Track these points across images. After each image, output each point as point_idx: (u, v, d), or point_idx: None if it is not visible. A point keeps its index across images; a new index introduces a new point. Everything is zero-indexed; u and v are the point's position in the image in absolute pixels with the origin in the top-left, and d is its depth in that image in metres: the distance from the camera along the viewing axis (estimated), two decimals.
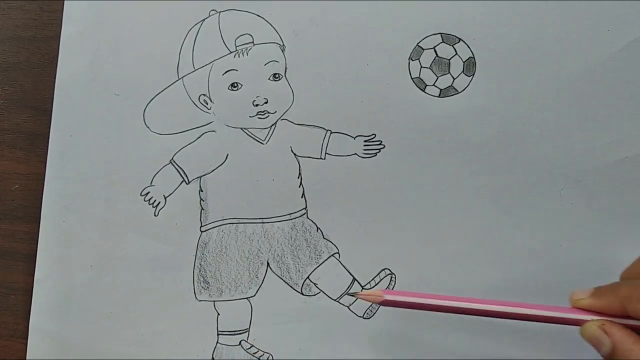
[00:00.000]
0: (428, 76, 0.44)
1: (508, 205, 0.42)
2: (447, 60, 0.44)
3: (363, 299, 0.34)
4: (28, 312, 0.42)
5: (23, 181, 0.44)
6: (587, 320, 0.33)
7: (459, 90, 0.43)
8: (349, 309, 0.42)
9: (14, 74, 0.45)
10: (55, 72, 0.44)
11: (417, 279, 0.42)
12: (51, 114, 0.43)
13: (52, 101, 0.44)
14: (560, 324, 0.34)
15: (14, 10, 0.46)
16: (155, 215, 0.42)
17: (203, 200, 0.42)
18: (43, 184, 0.43)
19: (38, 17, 0.45)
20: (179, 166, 0.43)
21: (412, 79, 0.44)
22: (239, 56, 0.43)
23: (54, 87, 0.44)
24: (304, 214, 0.42)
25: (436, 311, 0.35)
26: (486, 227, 0.42)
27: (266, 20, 0.44)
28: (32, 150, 0.44)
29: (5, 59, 0.45)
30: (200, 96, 0.43)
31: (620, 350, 0.32)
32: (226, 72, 0.43)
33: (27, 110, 0.45)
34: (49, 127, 0.43)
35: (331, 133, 0.43)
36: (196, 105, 0.43)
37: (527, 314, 0.33)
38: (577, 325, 0.34)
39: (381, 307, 0.41)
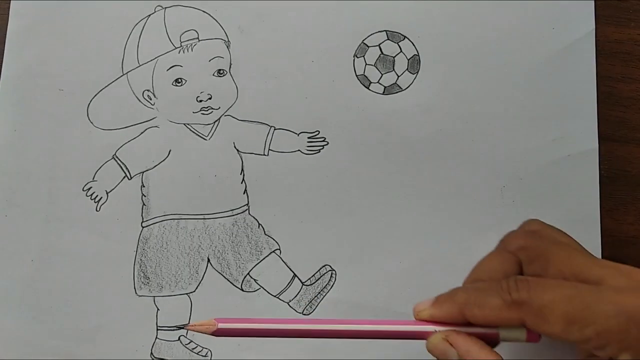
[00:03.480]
0: (373, 73, 0.44)
1: (449, 202, 0.42)
2: (392, 58, 0.44)
3: (195, 331, 0.33)
4: None
5: None
6: (431, 333, 0.32)
7: (403, 88, 0.44)
8: (289, 305, 0.42)
9: None
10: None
11: (357, 275, 0.42)
12: None
13: None
14: (406, 338, 0.32)
15: None
16: (97, 210, 0.42)
17: (145, 196, 0.42)
18: None
19: None
20: (121, 161, 0.43)
21: (356, 76, 0.44)
22: (183, 52, 0.43)
23: None
24: (245, 210, 0.42)
25: (272, 336, 0.33)
26: (427, 224, 0.42)
27: (212, 16, 0.44)
28: None
29: None
30: (144, 92, 0.43)
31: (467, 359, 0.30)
32: (170, 67, 0.43)
33: None
34: None
35: (275, 129, 0.43)
36: (140, 101, 0.43)
37: (370, 331, 0.32)
38: (423, 338, 0.32)
39: (322, 302, 0.42)
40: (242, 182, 0.42)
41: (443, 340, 0.31)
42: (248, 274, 0.42)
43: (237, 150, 0.43)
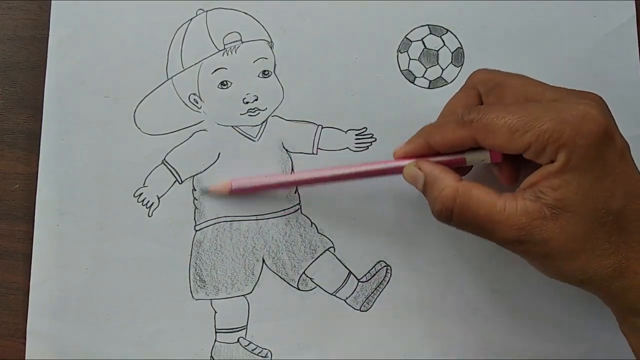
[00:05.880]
0: (417, 68, 0.44)
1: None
2: (436, 52, 0.44)
3: (214, 192, 0.41)
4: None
5: (23, 181, 0.44)
6: (405, 165, 0.37)
7: (448, 81, 0.44)
8: (346, 302, 0.42)
9: (14, 74, 0.45)
10: None
11: (412, 270, 0.42)
12: None
13: None
14: (388, 174, 0.38)
15: (14, 10, 0.45)
16: (149, 216, 0.42)
17: (197, 200, 0.42)
18: None
19: (38, 17, 0.45)
20: (171, 166, 0.43)
21: (401, 71, 0.44)
22: (227, 54, 0.43)
23: None
24: (297, 209, 0.42)
25: (278, 188, 0.41)
26: None
27: (253, 18, 0.44)
28: (32, 150, 0.44)
29: (5, 59, 0.45)
30: (190, 95, 0.43)
31: (430, 179, 0.35)
32: (215, 70, 0.43)
33: (27, 110, 0.44)
34: None
35: (322, 128, 0.43)
36: (186, 105, 0.43)
37: (357, 172, 0.38)
38: (400, 172, 0.38)
39: (378, 300, 0.42)
40: None
41: (413, 166, 0.37)
42: (303, 272, 0.42)
43: (286, 150, 0.43)
